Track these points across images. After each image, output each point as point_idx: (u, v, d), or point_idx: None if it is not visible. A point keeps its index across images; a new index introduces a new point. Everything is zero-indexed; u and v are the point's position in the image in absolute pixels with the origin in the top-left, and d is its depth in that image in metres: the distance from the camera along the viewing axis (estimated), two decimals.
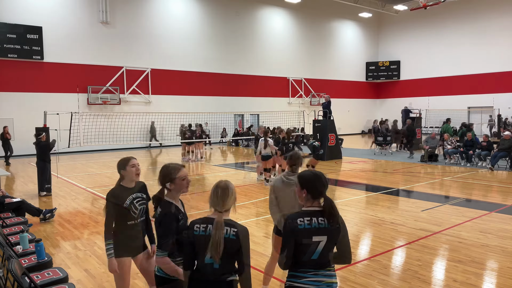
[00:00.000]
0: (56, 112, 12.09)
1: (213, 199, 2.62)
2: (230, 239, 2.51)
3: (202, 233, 2.56)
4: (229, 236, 2.51)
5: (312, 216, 2.53)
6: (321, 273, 2.52)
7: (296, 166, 4.17)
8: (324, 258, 2.53)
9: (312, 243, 2.49)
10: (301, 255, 2.51)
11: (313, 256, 2.51)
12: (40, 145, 10.05)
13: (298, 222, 2.51)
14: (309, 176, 2.64)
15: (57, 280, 3.79)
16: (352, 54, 36.18)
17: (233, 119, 28.26)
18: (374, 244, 6.09)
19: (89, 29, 22.16)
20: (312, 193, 2.59)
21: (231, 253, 2.53)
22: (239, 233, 2.54)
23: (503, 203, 8.63)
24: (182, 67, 25.62)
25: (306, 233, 2.49)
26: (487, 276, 4.84)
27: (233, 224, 2.58)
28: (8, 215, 6.45)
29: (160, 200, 2.96)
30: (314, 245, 2.50)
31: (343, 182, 11.65)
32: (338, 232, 2.55)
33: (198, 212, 8.05)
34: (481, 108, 30.05)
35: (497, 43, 29.28)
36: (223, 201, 2.59)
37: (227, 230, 2.53)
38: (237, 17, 28.22)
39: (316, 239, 2.50)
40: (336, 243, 2.59)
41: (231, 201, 2.62)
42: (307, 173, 2.67)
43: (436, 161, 15.51)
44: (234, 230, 2.53)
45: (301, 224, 2.50)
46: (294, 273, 2.54)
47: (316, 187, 2.59)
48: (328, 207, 2.53)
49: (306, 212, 2.57)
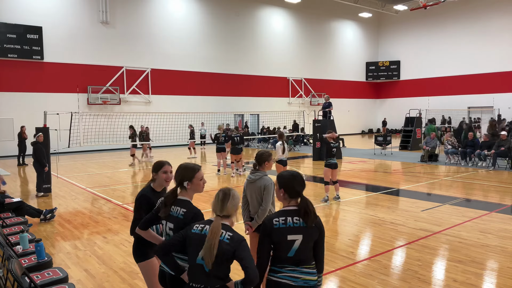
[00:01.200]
0: (56, 112, 12.09)
1: (214, 202, 2.63)
2: (223, 242, 2.48)
3: (198, 231, 2.57)
4: (223, 239, 2.49)
5: (288, 216, 2.60)
6: (298, 270, 2.58)
7: (260, 165, 4.22)
8: (302, 256, 2.58)
9: (287, 241, 2.55)
10: (278, 252, 2.59)
11: (289, 253, 2.57)
12: (36, 146, 9.96)
13: (274, 222, 2.58)
14: (286, 176, 2.72)
15: (57, 280, 3.79)
16: (352, 54, 36.19)
17: (233, 119, 28.26)
18: (374, 244, 6.09)
19: (89, 29, 22.16)
20: (289, 193, 2.66)
21: (223, 257, 2.47)
22: (234, 238, 2.49)
23: (503, 203, 8.63)
24: (182, 67, 25.63)
25: (281, 232, 2.56)
26: (487, 276, 4.84)
27: (230, 229, 2.55)
28: (8, 215, 6.45)
29: (175, 198, 2.95)
30: (289, 243, 2.55)
31: (343, 182, 11.64)
32: (315, 232, 2.59)
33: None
34: (481, 108, 30.05)
35: (497, 43, 29.29)
36: (222, 205, 2.58)
37: (223, 232, 2.51)
38: (237, 17, 28.22)
39: (290, 237, 2.55)
40: (313, 242, 2.61)
41: (230, 207, 2.59)
42: (285, 173, 2.75)
43: (436, 161, 15.51)
44: (229, 234, 2.51)
45: (276, 224, 2.57)
46: (273, 267, 2.62)
47: (293, 186, 2.66)
48: (304, 206, 2.59)
49: (282, 212, 2.64)
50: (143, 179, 12.91)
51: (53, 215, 7.74)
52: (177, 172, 3.02)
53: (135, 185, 11.80)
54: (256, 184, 4.12)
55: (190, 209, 2.88)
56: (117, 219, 7.78)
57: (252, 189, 4.16)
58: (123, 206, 8.93)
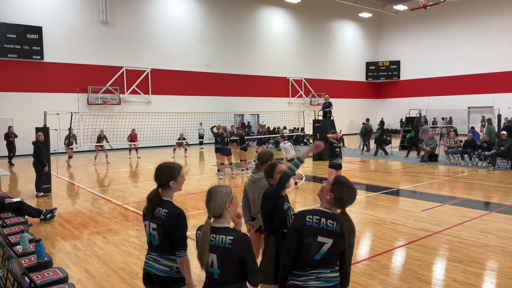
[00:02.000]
0: (56, 112, 12.09)
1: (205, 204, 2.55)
2: (225, 248, 2.36)
3: (198, 237, 2.51)
4: (225, 245, 2.36)
5: (323, 216, 2.48)
6: (322, 271, 2.47)
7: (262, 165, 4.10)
8: (328, 260, 2.46)
9: (317, 242, 2.43)
10: (304, 253, 2.46)
11: (316, 256, 2.45)
12: (37, 145, 9.95)
13: (307, 218, 2.46)
14: (346, 185, 2.57)
15: (57, 280, 3.79)
16: (352, 54, 36.18)
17: (233, 119, 28.26)
18: (374, 244, 6.09)
19: (89, 29, 22.16)
20: (337, 201, 2.53)
21: (229, 263, 2.37)
22: (235, 241, 2.36)
23: (503, 203, 8.63)
24: (182, 67, 25.62)
25: (312, 231, 2.44)
26: (487, 276, 4.84)
27: (230, 231, 2.43)
28: (8, 215, 6.45)
29: (160, 200, 2.89)
30: (318, 245, 2.44)
31: None
32: (343, 242, 2.46)
33: (198, 212, 8.06)
34: (481, 108, 30.05)
35: (497, 43, 29.28)
36: (208, 206, 2.49)
37: (222, 238, 2.38)
38: (237, 17, 28.22)
39: (321, 239, 2.43)
40: (340, 250, 2.48)
41: (215, 206, 2.45)
42: (346, 182, 2.58)
43: (436, 161, 15.51)
44: (230, 238, 2.37)
45: (309, 221, 2.46)
46: (295, 271, 2.50)
47: (344, 198, 2.53)
48: (341, 221, 2.46)
49: (319, 211, 2.51)
50: (143, 179, 12.91)
51: (53, 215, 7.74)
52: (163, 172, 2.91)
53: (135, 185, 11.80)
54: (259, 183, 4.06)
55: (172, 210, 2.82)
56: (117, 219, 7.78)
57: (255, 189, 4.11)
58: (123, 206, 8.93)
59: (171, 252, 2.82)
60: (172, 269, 2.84)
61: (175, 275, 2.84)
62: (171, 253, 2.82)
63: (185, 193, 10.02)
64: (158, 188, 2.92)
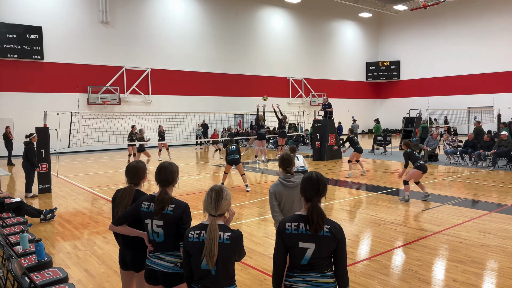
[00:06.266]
0: (56, 112, 12.09)
1: (207, 203, 2.57)
2: (224, 244, 2.46)
3: (195, 239, 2.51)
4: (223, 241, 2.46)
5: (300, 221, 2.42)
6: (312, 275, 2.42)
7: (290, 168, 3.99)
8: (316, 265, 2.41)
9: (299, 248, 2.40)
10: (292, 257, 2.47)
11: (302, 261, 2.42)
12: (28, 146, 9.86)
13: (286, 226, 2.44)
14: (304, 179, 2.54)
15: (57, 280, 3.79)
16: (352, 54, 36.18)
17: (233, 119, 28.25)
18: (374, 244, 6.09)
19: (89, 29, 22.16)
20: (304, 196, 2.50)
21: (226, 258, 2.48)
22: (233, 237, 2.49)
23: (503, 203, 8.63)
24: (182, 67, 25.62)
25: (292, 238, 2.40)
26: (487, 276, 4.84)
27: (227, 228, 2.54)
28: (8, 215, 6.45)
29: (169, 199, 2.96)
30: (301, 251, 2.40)
31: (343, 182, 11.65)
32: (331, 242, 2.38)
33: (197, 212, 8.05)
34: (481, 108, 30.05)
35: (497, 43, 29.28)
36: (217, 205, 2.53)
37: (221, 235, 2.47)
38: (237, 17, 28.21)
39: (302, 245, 2.39)
40: (328, 251, 2.40)
41: (225, 205, 2.55)
42: (306, 175, 2.57)
43: (436, 161, 15.51)
44: (228, 235, 2.48)
45: (288, 229, 2.42)
46: (287, 272, 2.53)
47: (305, 190, 2.49)
48: (309, 213, 2.40)
49: (296, 217, 2.47)
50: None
51: (53, 215, 7.74)
52: (168, 173, 2.99)
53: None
54: (297, 189, 3.74)
55: (178, 204, 2.94)
56: None
57: (294, 194, 3.85)
58: None
59: (174, 248, 2.92)
60: (177, 265, 2.92)
61: (180, 271, 2.90)
62: (174, 249, 2.93)
63: (185, 193, 10.03)
64: (163, 188, 2.99)
